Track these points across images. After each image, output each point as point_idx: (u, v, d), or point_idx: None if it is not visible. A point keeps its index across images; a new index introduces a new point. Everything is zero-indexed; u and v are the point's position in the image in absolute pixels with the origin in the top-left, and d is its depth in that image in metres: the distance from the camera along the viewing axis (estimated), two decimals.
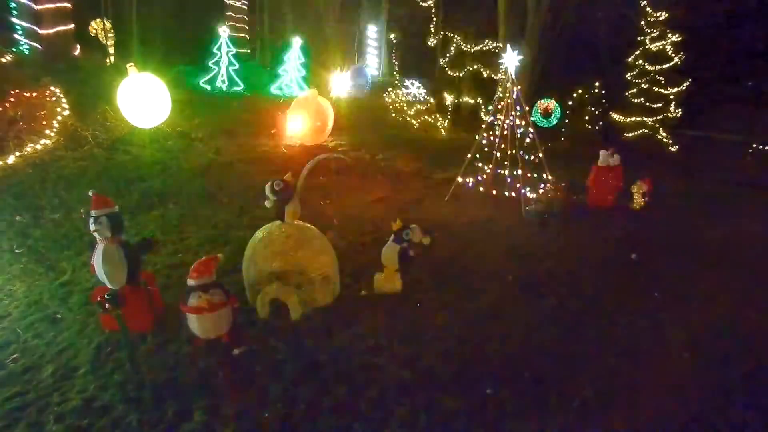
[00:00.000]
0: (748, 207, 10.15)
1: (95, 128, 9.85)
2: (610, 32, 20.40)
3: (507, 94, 9.15)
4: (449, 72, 20.92)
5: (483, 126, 9.47)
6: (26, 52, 12.14)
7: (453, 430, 3.82)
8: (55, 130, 9.35)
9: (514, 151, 9.16)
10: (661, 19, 15.99)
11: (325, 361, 4.50)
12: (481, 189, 9.58)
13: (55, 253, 6.37)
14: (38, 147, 8.82)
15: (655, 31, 16.12)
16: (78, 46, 13.48)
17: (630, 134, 16.61)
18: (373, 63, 24.63)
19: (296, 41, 16.04)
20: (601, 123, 17.63)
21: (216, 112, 12.74)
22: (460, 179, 9.55)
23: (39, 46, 12.10)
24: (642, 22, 16.32)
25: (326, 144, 12.37)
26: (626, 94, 16.95)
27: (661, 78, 16.31)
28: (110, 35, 14.86)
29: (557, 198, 8.89)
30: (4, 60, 10.89)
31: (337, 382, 4.22)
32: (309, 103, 11.87)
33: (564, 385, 4.33)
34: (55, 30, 12.21)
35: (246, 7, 19.18)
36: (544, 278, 6.39)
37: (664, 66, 16.19)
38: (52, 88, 10.13)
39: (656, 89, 16.37)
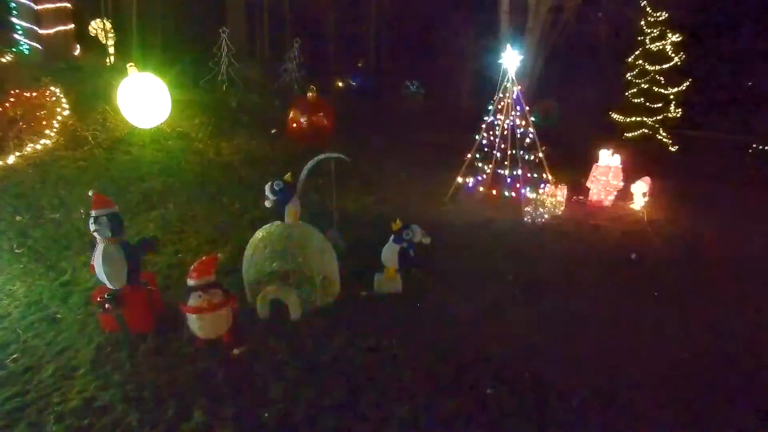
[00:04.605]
0: (748, 207, 10.13)
1: (95, 128, 9.82)
2: (610, 32, 20.39)
3: (507, 94, 9.15)
4: None
5: (483, 126, 9.46)
6: (26, 52, 12.13)
7: (453, 430, 3.82)
8: (55, 130, 9.33)
9: (514, 151, 9.17)
10: (661, 19, 15.96)
11: (325, 361, 4.50)
12: (481, 189, 9.58)
13: (55, 253, 6.37)
14: (38, 147, 8.81)
15: (655, 31, 16.10)
16: (78, 46, 13.48)
17: (630, 134, 16.56)
18: None
19: (295, 41, 16.04)
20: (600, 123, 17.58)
21: (216, 112, 12.71)
22: (460, 179, 9.54)
23: (39, 46, 12.10)
24: (642, 22, 16.29)
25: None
26: (626, 94, 16.91)
27: (661, 78, 16.28)
28: (110, 35, 14.82)
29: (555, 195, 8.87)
30: (4, 60, 10.89)
31: (337, 382, 4.22)
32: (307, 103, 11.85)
33: (564, 385, 4.33)
34: (55, 30, 12.21)
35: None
36: (544, 278, 6.39)
37: (664, 66, 16.16)
38: (52, 88, 10.13)
39: (656, 89, 16.33)
